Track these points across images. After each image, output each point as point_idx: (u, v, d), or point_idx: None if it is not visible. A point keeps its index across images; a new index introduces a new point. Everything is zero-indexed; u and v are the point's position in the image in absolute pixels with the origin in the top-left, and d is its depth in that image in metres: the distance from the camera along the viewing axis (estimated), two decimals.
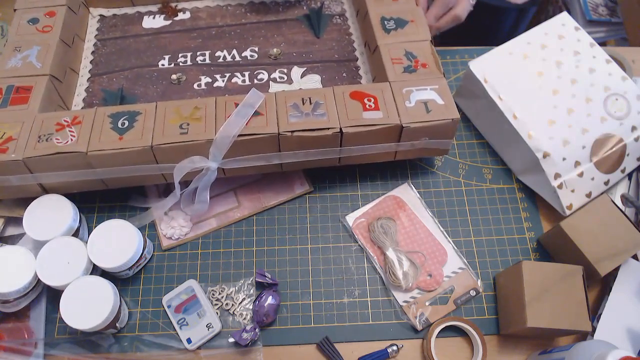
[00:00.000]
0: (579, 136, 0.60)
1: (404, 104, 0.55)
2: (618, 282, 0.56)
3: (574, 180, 0.59)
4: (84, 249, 0.53)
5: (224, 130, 0.52)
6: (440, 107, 0.55)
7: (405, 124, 0.54)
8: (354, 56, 0.68)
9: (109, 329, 0.52)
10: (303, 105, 0.55)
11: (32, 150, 0.52)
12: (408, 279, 0.56)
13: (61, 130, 0.53)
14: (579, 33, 0.65)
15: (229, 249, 0.59)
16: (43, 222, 0.55)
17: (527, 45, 0.64)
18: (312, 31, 0.70)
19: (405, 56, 0.60)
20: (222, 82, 0.65)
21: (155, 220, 0.60)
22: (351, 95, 0.56)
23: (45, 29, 0.62)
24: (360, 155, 0.57)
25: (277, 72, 0.66)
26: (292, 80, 0.65)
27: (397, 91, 0.57)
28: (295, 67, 0.67)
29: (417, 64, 0.59)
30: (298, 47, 0.69)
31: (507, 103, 0.61)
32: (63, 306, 0.50)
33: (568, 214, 0.59)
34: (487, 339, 0.55)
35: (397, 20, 0.63)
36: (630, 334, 0.54)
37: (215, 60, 0.67)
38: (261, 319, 0.54)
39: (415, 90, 0.57)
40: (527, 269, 0.52)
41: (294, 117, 0.54)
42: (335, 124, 0.53)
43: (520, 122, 0.60)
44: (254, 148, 0.54)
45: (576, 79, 0.62)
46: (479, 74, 0.62)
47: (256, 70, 0.66)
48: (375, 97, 0.56)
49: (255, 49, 0.68)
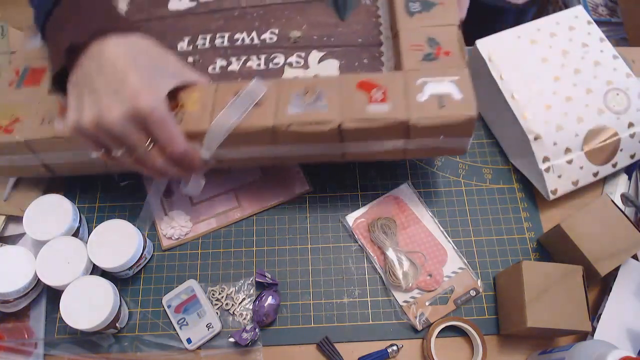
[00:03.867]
0: (573, 124, 0.60)
1: (415, 97, 0.49)
2: (618, 282, 0.56)
3: (562, 166, 0.60)
4: (84, 248, 0.53)
5: (218, 120, 0.50)
6: (456, 102, 0.49)
7: (412, 121, 0.48)
8: (378, 40, 0.62)
9: (109, 329, 0.52)
10: (306, 95, 0.51)
11: (33, 132, 0.53)
12: (408, 279, 0.56)
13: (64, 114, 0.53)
14: (591, 27, 0.65)
15: (229, 249, 0.59)
16: (43, 222, 0.55)
17: (537, 32, 0.64)
18: (338, 13, 0.65)
19: (427, 42, 0.54)
20: (236, 66, 0.62)
21: (155, 220, 0.60)
22: (358, 86, 0.51)
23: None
24: (366, 152, 0.53)
25: (294, 56, 0.62)
26: (308, 66, 0.61)
27: (410, 82, 0.50)
28: (314, 51, 0.62)
29: (439, 51, 0.53)
30: (320, 30, 0.64)
31: (508, 83, 0.61)
32: (63, 306, 0.50)
33: (552, 199, 0.60)
34: (487, 339, 0.55)
35: (424, 1, 0.58)
36: (630, 334, 0.54)
37: (233, 43, 0.64)
38: (261, 319, 0.54)
39: (431, 81, 0.50)
40: (527, 269, 0.52)
41: (293, 108, 0.50)
42: (334, 117, 0.49)
43: (517, 103, 0.60)
44: (249, 140, 0.51)
45: (580, 69, 0.62)
46: (485, 52, 0.63)
47: (273, 54, 0.63)
48: (385, 88, 0.50)
49: (275, 32, 0.65)
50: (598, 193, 0.64)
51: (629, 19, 1.13)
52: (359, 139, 0.51)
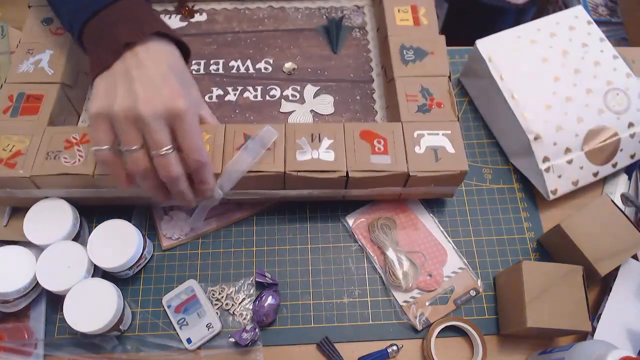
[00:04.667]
0: (573, 124, 0.60)
1: (413, 149, 0.54)
2: (618, 282, 0.56)
3: (562, 166, 0.60)
4: (84, 253, 0.53)
5: (232, 164, 0.52)
6: (450, 157, 0.54)
7: (412, 173, 0.53)
8: (369, 77, 0.66)
9: (113, 331, 0.52)
10: (312, 142, 0.54)
11: (39, 168, 0.52)
12: (408, 279, 0.56)
13: (70, 149, 0.53)
14: (591, 27, 0.65)
15: (229, 249, 0.59)
16: (43, 226, 0.54)
17: (537, 32, 0.65)
18: (330, 45, 0.69)
19: (420, 92, 0.58)
20: (233, 96, 0.65)
21: (155, 220, 0.60)
22: (361, 135, 0.55)
23: (58, 32, 0.62)
24: (365, 195, 0.57)
25: (290, 89, 0.65)
26: (304, 100, 0.65)
27: (408, 134, 0.55)
28: (309, 85, 0.66)
29: (432, 102, 0.58)
30: (314, 62, 0.67)
31: (507, 83, 0.61)
32: (66, 309, 0.50)
33: (552, 199, 0.60)
34: (487, 339, 0.55)
35: (417, 50, 0.61)
36: (630, 334, 0.54)
37: (228, 71, 0.66)
38: (261, 319, 0.54)
39: (427, 134, 0.55)
40: (527, 269, 0.52)
41: (301, 154, 0.53)
42: (342, 166, 0.53)
43: (517, 103, 0.60)
44: (260, 182, 0.54)
45: (580, 69, 0.62)
46: (485, 52, 0.63)
47: (269, 86, 0.66)
48: (385, 139, 0.55)
49: (270, 61, 0.67)
50: (598, 193, 0.64)
51: (629, 19, 1.13)
52: (361, 186, 0.55)
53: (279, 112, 0.64)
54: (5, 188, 0.54)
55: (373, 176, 0.53)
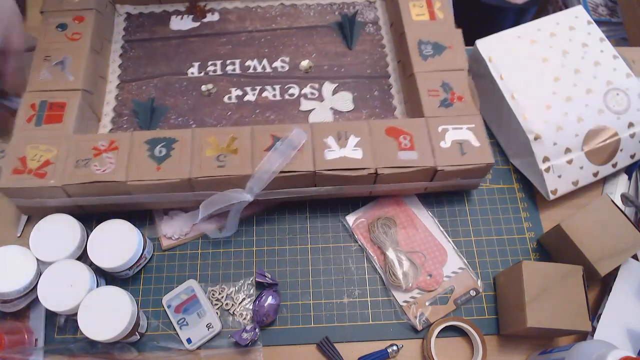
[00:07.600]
0: (573, 124, 0.60)
1: (439, 144, 0.55)
2: (618, 282, 0.56)
3: (562, 166, 0.60)
4: (87, 272, 0.52)
5: (263, 166, 0.52)
6: (476, 150, 0.55)
7: (440, 168, 0.54)
8: (386, 72, 0.67)
9: (131, 336, 0.52)
10: (339, 140, 0.55)
11: (70, 177, 0.52)
12: (408, 279, 0.56)
13: (99, 156, 0.53)
14: (591, 27, 0.65)
15: (229, 249, 0.59)
16: (50, 242, 0.53)
17: (537, 32, 0.65)
18: (344, 41, 0.69)
19: (442, 87, 0.59)
20: (252, 96, 0.65)
21: (155, 220, 0.60)
22: (387, 132, 0.56)
23: (74, 37, 0.61)
24: (392, 190, 0.58)
25: (308, 87, 0.65)
26: (323, 98, 0.65)
27: (433, 129, 0.56)
28: (326, 82, 0.66)
29: (453, 96, 0.58)
30: (329, 59, 0.68)
31: (508, 83, 0.61)
32: (81, 319, 0.49)
33: (552, 199, 0.60)
34: (487, 339, 0.55)
35: (435, 45, 0.62)
36: (630, 334, 0.54)
37: (245, 71, 0.66)
38: (261, 319, 0.54)
39: (452, 129, 0.56)
40: (527, 269, 0.52)
41: (330, 152, 0.54)
42: (370, 164, 0.54)
43: (518, 103, 0.60)
44: (290, 182, 0.54)
45: (580, 69, 0.62)
46: (485, 52, 0.63)
47: (287, 85, 0.66)
48: (411, 135, 0.55)
49: (286, 60, 0.67)
50: (598, 193, 0.64)
51: (629, 19, 1.13)
52: (389, 182, 0.56)
53: (299, 111, 0.64)
54: (35, 198, 0.53)
55: (401, 172, 0.54)
